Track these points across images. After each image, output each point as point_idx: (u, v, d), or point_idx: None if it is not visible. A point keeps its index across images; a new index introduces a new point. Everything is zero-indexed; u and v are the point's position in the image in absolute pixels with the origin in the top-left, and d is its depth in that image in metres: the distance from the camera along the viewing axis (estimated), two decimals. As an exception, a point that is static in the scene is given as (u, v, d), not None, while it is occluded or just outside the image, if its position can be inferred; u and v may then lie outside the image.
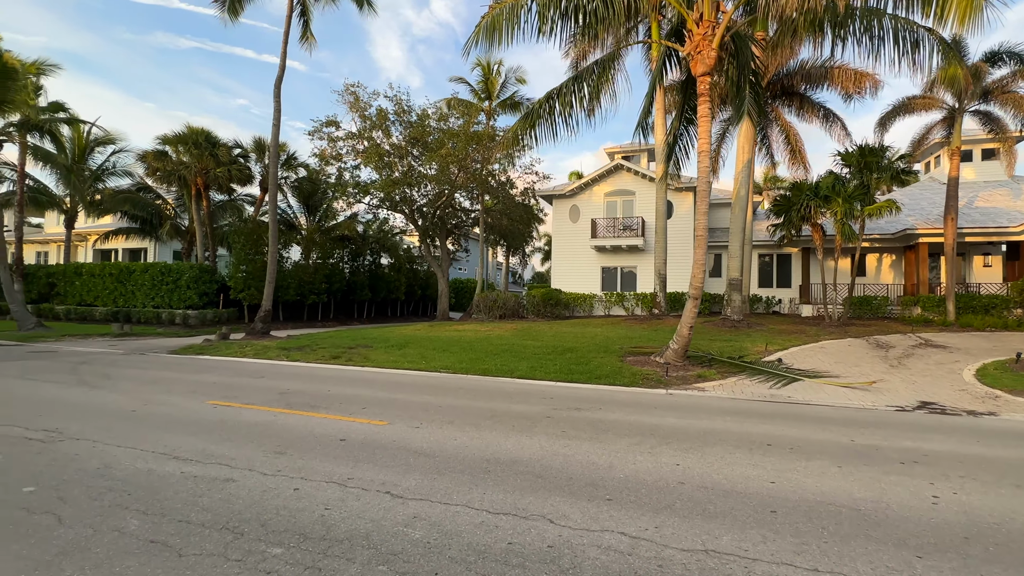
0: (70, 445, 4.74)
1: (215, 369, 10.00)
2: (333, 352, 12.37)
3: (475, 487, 3.82)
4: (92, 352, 12.53)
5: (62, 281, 22.69)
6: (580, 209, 24.57)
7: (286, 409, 6.42)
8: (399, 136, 23.80)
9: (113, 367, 9.96)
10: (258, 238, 22.10)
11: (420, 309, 36.54)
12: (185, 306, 20.35)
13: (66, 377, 8.57)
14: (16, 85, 15.42)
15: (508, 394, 7.77)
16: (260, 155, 23.22)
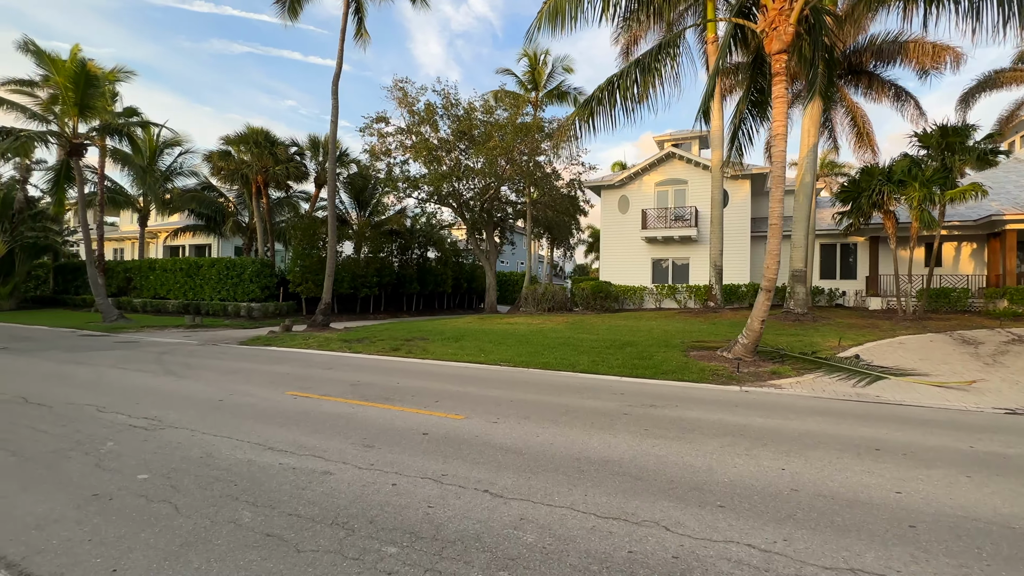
0: (171, 433, 4.91)
1: (285, 360, 10.30)
2: (392, 344, 12.53)
3: (574, 488, 3.66)
4: (170, 343, 13.21)
5: (138, 276, 24.14)
6: (629, 199, 23.96)
7: (362, 401, 6.48)
8: (446, 130, 23.88)
9: (192, 357, 10.43)
10: (314, 233, 22.73)
11: (466, 302, 36.79)
12: (248, 299, 21.22)
13: (153, 367, 9.01)
14: (97, 92, 16.39)
15: (575, 389, 7.58)
16: (315, 153, 23.83)
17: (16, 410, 5.75)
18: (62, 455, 4.27)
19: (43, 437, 4.74)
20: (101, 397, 6.44)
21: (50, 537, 2.92)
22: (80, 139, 16.60)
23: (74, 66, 15.66)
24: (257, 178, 22.00)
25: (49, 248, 25.98)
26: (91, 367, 8.86)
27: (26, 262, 24.09)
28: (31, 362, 9.35)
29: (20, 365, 8.97)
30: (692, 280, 22.50)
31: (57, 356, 10.23)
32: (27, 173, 24.68)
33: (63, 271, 27.23)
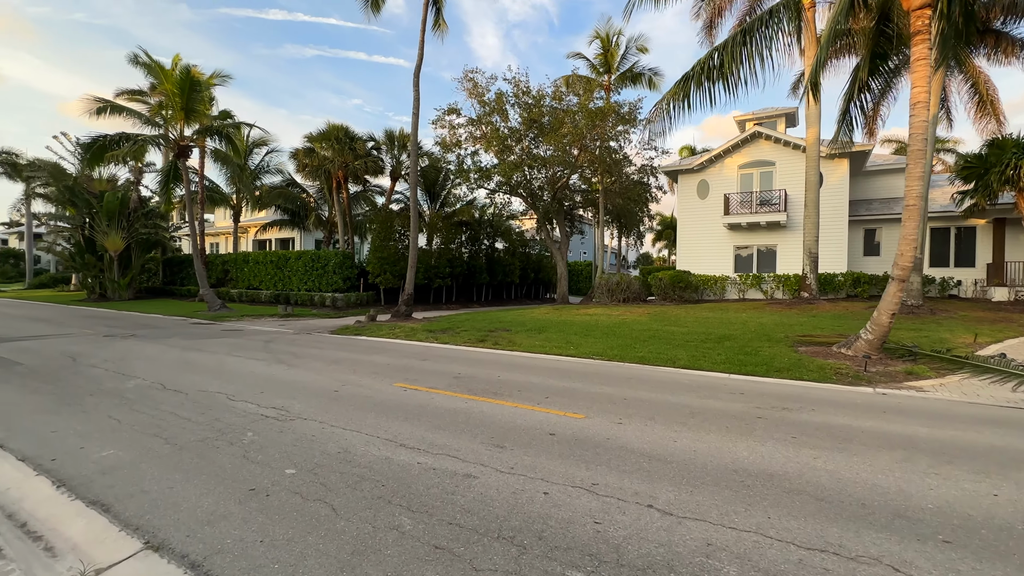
0: (301, 425, 4.93)
1: (380, 350, 10.44)
2: (477, 335, 12.44)
3: (751, 508, 3.21)
4: (270, 331, 13.88)
5: (234, 268, 25.83)
6: (710, 184, 22.57)
7: (471, 395, 6.31)
8: (516, 119, 23.53)
9: (294, 346, 10.83)
10: (391, 226, 23.24)
11: (533, 292, 36.56)
12: (332, 290, 22.08)
13: (263, 355, 9.40)
14: (199, 96, 17.46)
15: (686, 387, 7.04)
16: (390, 147, 24.28)
17: (158, 396, 6.06)
18: (210, 444, 4.36)
19: (189, 425, 4.90)
20: (227, 385, 6.69)
21: (223, 536, 2.87)
22: (186, 141, 17.81)
23: (179, 73, 16.76)
24: (338, 173, 22.73)
25: (159, 243, 28.37)
26: (210, 354, 9.36)
27: (140, 256, 26.44)
28: (159, 348, 10.04)
29: (150, 351, 9.65)
30: (779, 269, 20.91)
31: (178, 343, 10.95)
32: (139, 175, 27.00)
33: (170, 264, 29.71)
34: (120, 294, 25.53)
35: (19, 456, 4.10)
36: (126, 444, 4.37)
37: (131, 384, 6.70)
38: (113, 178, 26.97)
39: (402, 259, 23.37)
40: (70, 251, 26.77)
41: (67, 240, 27.25)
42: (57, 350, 9.62)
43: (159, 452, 4.18)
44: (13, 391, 6.32)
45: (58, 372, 7.51)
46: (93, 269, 25.82)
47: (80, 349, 9.73)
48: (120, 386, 6.59)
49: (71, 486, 3.53)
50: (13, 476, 3.73)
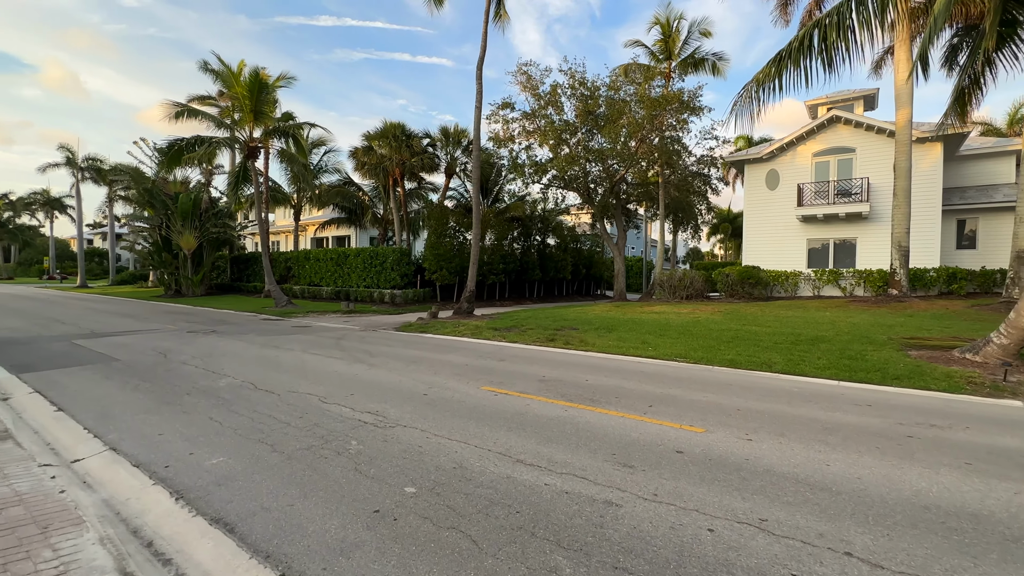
0: (403, 433, 4.63)
1: (452, 349, 10.18)
2: (545, 334, 12.00)
3: (978, 562, 2.59)
4: (337, 328, 13.98)
5: (296, 265, 26.57)
6: (780, 174, 21.14)
7: (565, 401, 5.87)
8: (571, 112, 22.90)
9: (366, 343, 10.75)
10: (446, 222, 23.18)
11: (584, 289, 35.78)
12: (390, 286, 22.25)
13: (339, 353, 9.32)
14: (266, 99, 17.86)
15: (798, 395, 6.31)
16: (445, 143, 24.17)
17: (251, 396, 5.96)
18: (316, 453, 4.12)
19: (290, 431, 4.70)
20: (315, 386, 6.55)
21: (363, 571, 2.55)
22: (255, 143, 18.30)
23: (248, 77, 17.19)
24: (395, 170, 22.85)
25: (227, 242, 29.61)
26: (288, 352, 9.38)
27: (211, 254, 27.66)
28: (239, 345, 10.19)
29: (232, 348, 9.79)
30: (859, 264, 19.33)
31: (256, 339, 11.11)
32: (210, 177, 28.24)
33: (237, 261, 30.97)
34: (193, 290, 26.79)
35: (133, 461, 3.99)
36: (233, 450, 4.20)
37: (223, 383, 6.67)
38: (186, 180, 28.32)
39: (457, 256, 23.28)
40: (149, 250, 28.34)
41: (146, 239, 28.85)
42: (147, 346, 9.91)
43: (268, 461, 3.97)
44: (115, 388, 6.41)
45: (153, 369, 7.63)
46: (169, 267, 27.23)
47: (168, 345, 10.00)
48: (213, 385, 6.58)
49: (189, 499, 3.34)
50: (131, 484, 3.59)
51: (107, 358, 8.50)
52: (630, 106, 21.11)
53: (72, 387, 6.49)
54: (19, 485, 3.46)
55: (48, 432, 4.76)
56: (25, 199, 57.08)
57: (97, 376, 7.09)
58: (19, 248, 67.05)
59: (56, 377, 7.04)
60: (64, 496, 3.33)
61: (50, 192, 50.51)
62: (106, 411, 5.39)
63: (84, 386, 6.56)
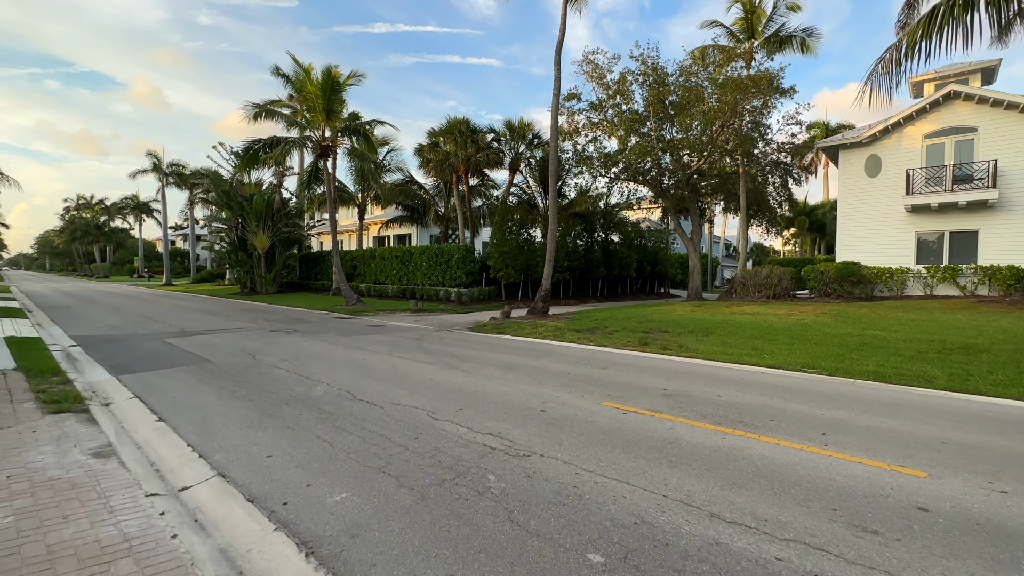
0: (544, 465, 3.83)
1: (541, 353, 9.37)
2: (635, 337, 10.95)
3: None
4: (411, 327, 13.54)
5: (361, 264, 26.76)
6: (883, 159, 18.89)
7: (712, 424, 4.88)
8: (641, 100, 21.57)
9: (447, 345, 10.14)
10: (512, 219, 22.50)
11: (648, 287, 34.14)
12: (455, 284, 21.81)
13: (426, 357, 8.72)
14: (338, 98, 17.79)
15: (1014, 424, 4.99)
16: (511, 137, 23.40)
17: (354, 409, 5.37)
18: (452, 491, 3.38)
19: (410, 456, 4.01)
20: (416, 397, 5.90)
21: None
22: (327, 141, 18.31)
23: (320, 75, 17.16)
24: (460, 166, 22.36)
25: (297, 241, 30.37)
26: (374, 354, 8.89)
27: (282, 253, 28.42)
28: (323, 346, 9.84)
29: (317, 349, 9.43)
30: (981, 259, 16.86)
31: (337, 340, 10.78)
32: (282, 178, 29.01)
33: (305, 260, 31.73)
34: (266, 288, 27.60)
35: (246, 493, 3.40)
36: (354, 482, 3.54)
37: (319, 391, 6.16)
38: (259, 182, 29.22)
39: (523, 253, 22.53)
40: (227, 249, 29.49)
41: (224, 239, 30.06)
42: (235, 346, 9.74)
43: (399, 501, 3.26)
44: (212, 395, 6.03)
45: (245, 372, 7.29)
46: (244, 265, 28.19)
47: (255, 346, 9.79)
48: (310, 393, 6.07)
49: (322, 557, 2.65)
50: (249, 528, 2.97)
51: (200, 359, 8.30)
52: (708, 91, 19.54)
53: (170, 392, 6.18)
54: (127, 524, 2.92)
55: (151, 448, 4.32)
56: (118, 204, 61.88)
57: (193, 380, 6.79)
58: (113, 249, 72.96)
59: (153, 380, 6.80)
60: (177, 543, 2.74)
61: (139, 197, 54.30)
62: (207, 423, 4.94)
63: (181, 391, 6.23)
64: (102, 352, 9.00)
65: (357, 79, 18.34)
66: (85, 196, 67.69)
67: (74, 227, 66.23)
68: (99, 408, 5.35)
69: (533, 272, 23.18)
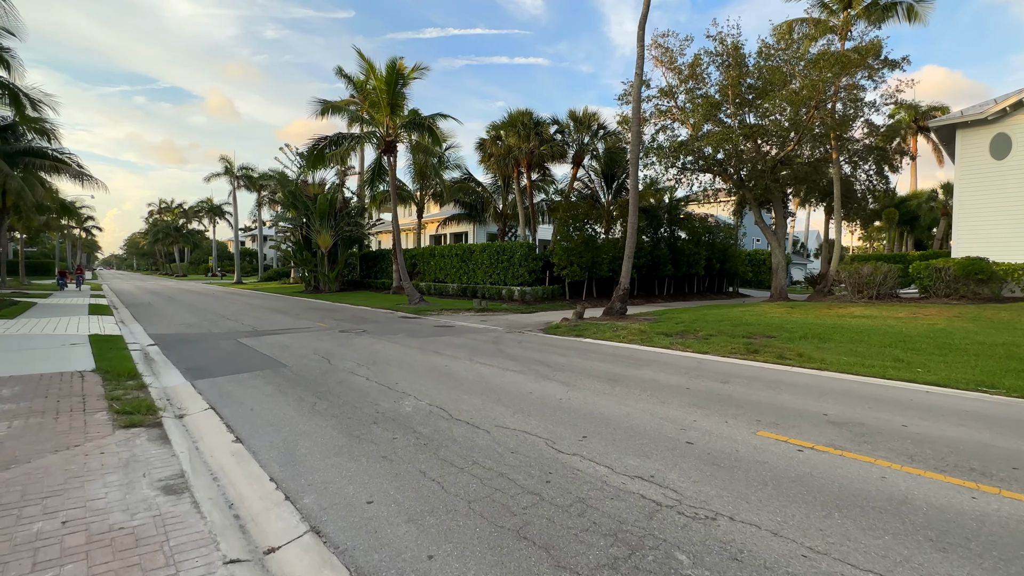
0: (741, 535, 2.71)
1: (639, 361, 8.19)
2: (740, 344, 9.52)
3: None
4: (480, 328, 12.68)
5: (421, 262, 26.40)
6: (1013, 139, 16.20)
7: (936, 473, 3.58)
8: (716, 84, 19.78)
9: (527, 349, 9.16)
10: (577, 214, 21.34)
11: (717, 286, 31.90)
12: (518, 283, 20.90)
13: (512, 364, 7.77)
14: (402, 92, 17.27)
15: None
16: (575, 128, 22.12)
17: (456, 434, 4.46)
18: None
19: (550, 512, 3.00)
20: (523, 417, 4.92)
21: None
22: (391, 137, 17.86)
23: (386, 68, 16.68)
24: (522, 160, 21.38)
25: (359, 240, 30.53)
26: (454, 360, 8.04)
27: (344, 252, 28.59)
28: (398, 349, 9.13)
29: (392, 353, 8.72)
30: None
31: (409, 342, 10.06)
32: (344, 177, 29.21)
33: (366, 259, 31.89)
34: (329, 286, 27.83)
35: (351, 567, 2.50)
36: (492, 557, 2.57)
37: (408, 406, 5.31)
38: (323, 182, 29.56)
39: (589, 250, 21.29)
40: (292, 248, 30.05)
41: (289, 239, 30.67)
42: (308, 347, 9.20)
43: (564, 594, 2.25)
44: (291, 408, 5.32)
45: (323, 380, 6.60)
46: (309, 264, 28.58)
47: (328, 347, 9.21)
48: (398, 409, 5.23)
49: None
50: (366, 637, 2.05)
51: (274, 363, 7.75)
52: (798, 68, 17.54)
53: (246, 402, 5.53)
54: (201, 617, 2.08)
55: (229, 481, 3.56)
56: (194, 207, 65.72)
57: (269, 389, 6.14)
58: (190, 249, 77.72)
59: (228, 387, 6.22)
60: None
61: (212, 200, 57.33)
62: (290, 447, 4.17)
63: (258, 402, 5.57)
64: (178, 352, 8.67)
65: (420, 72, 17.74)
66: (166, 200, 72.40)
67: (156, 229, 71.00)
68: (173, 422, 4.73)
69: (598, 270, 21.90)
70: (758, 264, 39.70)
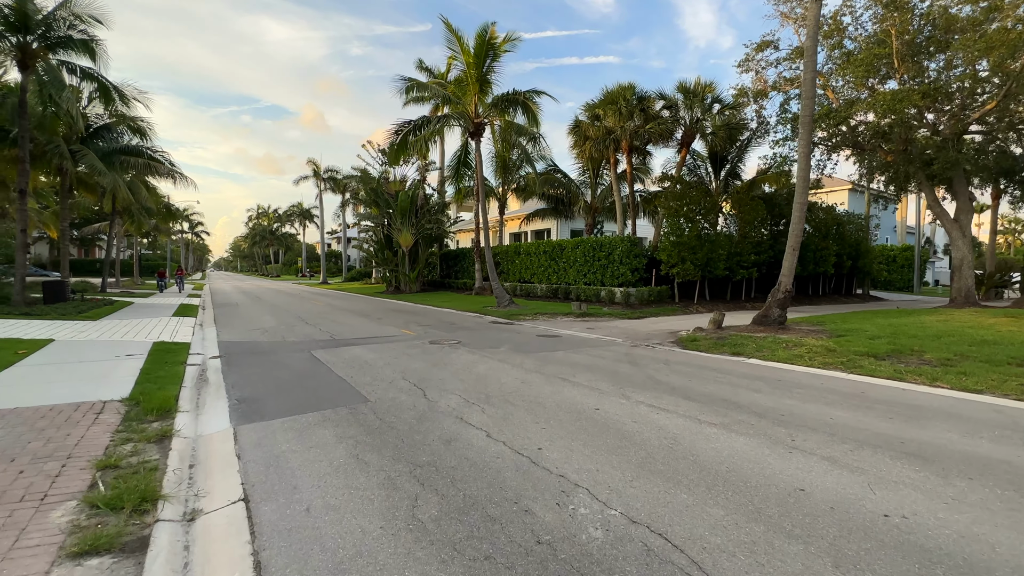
0: None
1: (884, 406, 5.12)
2: (999, 375, 6.08)
3: None
4: (594, 340, 10.03)
5: (505, 260, 24.23)
6: None
7: None
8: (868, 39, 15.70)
9: (677, 373, 6.38)
10: (690, 202, 18.04)
11: (845, 287, 26.81)
12: (618, 283, 17.99)
13: (680, 403, 5.05)
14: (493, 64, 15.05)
15: None
16: (687, 100, 18.70)
17: None
18: None
19: None
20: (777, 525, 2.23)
21: None
22: (481, 118, 15.74)
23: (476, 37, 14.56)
24: (623, 142, 18.40)
25: (439, 238, 29.07)
26: (597, 393, 5.47)
27: (425, 251, 27.19)
28: (513, 374, 6.75)
29: (507, 379, 6.34)
30: None
31: (521, 360, 7.66)
32: (425, 172, 27.86)
33: (446, 258, 30.38)
34: (410, 286, 26.53)
35: None
36: None
37: (589, 524, 2.80)
38: (403, 179, 28.42)
39: (704, 245, 17.92)
40: (374, 248, 29.20)
41: (371, 238, 29.89)
42: (394, 367, 7.06)
43: None
44: (376, 507, 3.00)
45: (420, 434, 4.30)
46: (390, 264, 27.49)
47: (418, 368, 7.01)
48: (571, 529, 2.74)
49: None
50: None
51: (351, 394, 5.62)
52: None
53: (302, 485, 3.31)
54: None
55: None
56: (287, 212, 69.10)
57: (341, 452, 3.91)
58: (283, 251, 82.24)
59: (283, 443, 4.08)
60: None
61: (302, 205, 59.62)
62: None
63: (321, 485, 3.34)
64: (239, 371, 6.87)
65: (512, 43, 15.42)
66: (263, 206, 77.05)
67: (254, 233, 75.68)
68: (168, 536, 2.55)
69: (713, 268, 18.42)
70: (887, 261, 33.53)
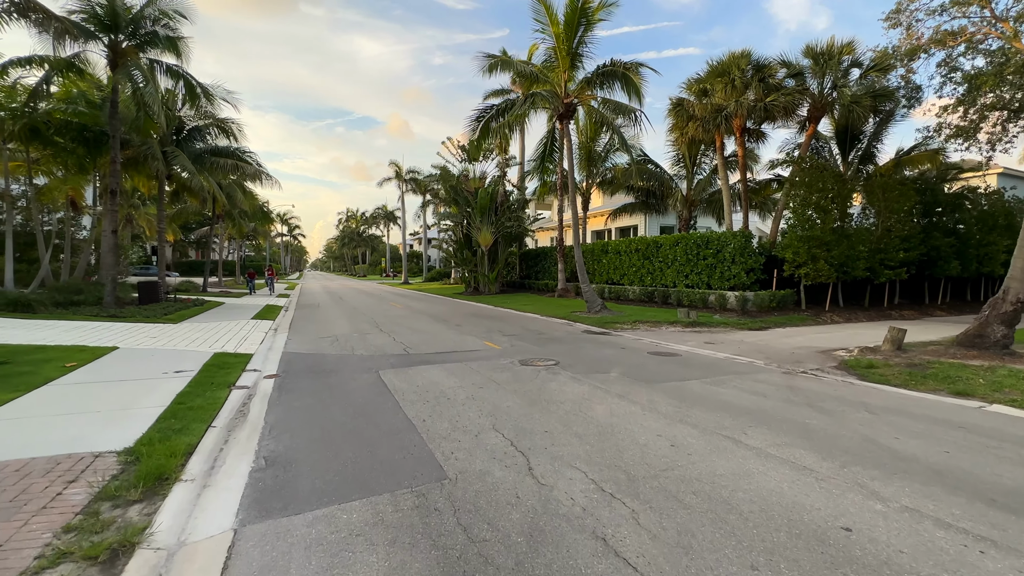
0: None
1: None
2: None
3: None
4: (722, 359, 7.65)
5: (591, 260, 22.02)
6: None
7: None
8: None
9: (898, 430, 3.97)
10: (822, 187, 14.73)
11: (983, 292, 21.38)
12: (728, 285, 15.12)
13: (940, 494, 2.74)
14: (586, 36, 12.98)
15: None
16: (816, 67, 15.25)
17: None
18: None
19: None
20: None
21: None
22: (571, 97, 13.75)
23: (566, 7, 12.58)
24: (735, 119, 15.44)
25: (520, 237, 27.48)
26: (802, 474, 3.30)
27: (504, 250, 25.70)
28: (649, 423, 4.74)
29: (646, 438, 4.35)
30: None
31: (650, 396, 5.61)
32: (505, 168, 26.39)
33: (525, 258, 28.72)
34: (489, 287, 25.17)
35: None
36: None
37: None
38: (483, 175, 27.16)
39: (841, 240, 14.55)
40: (453, 248, 28.27)
41: (450, 237, 29.03)
42: (481, 406, 5.30)
43: None
44: None
45: (543, 565, 2.43)
46: (469, 264, 26.33)
47: (512, 408, 5.19)
48: None
49: None
50: None
51: (422, 464, 3.91)
52: None
53: None
54: None
55: None
56: (372, 214, 71.62)
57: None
58: (369, 252, 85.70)
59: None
60: None
61: (387, 207, 61.23)
62: None
63: None
64: (288, 403, 5.46)
65: (607, 9, 13.20)
66: (351, 209, 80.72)
67: (343, 235, 79.45)
68: None
69: (851, 269, 14.94)
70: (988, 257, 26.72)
